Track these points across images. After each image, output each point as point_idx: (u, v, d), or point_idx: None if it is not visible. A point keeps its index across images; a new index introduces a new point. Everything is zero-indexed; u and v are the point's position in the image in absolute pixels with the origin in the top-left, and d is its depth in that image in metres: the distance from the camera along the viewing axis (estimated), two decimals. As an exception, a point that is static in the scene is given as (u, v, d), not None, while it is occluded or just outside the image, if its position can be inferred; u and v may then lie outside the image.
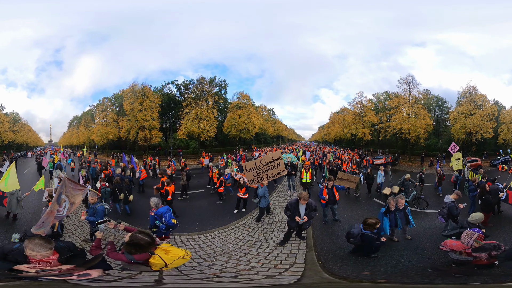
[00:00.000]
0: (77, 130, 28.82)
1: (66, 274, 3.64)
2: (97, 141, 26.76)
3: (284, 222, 8.92)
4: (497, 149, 23.42)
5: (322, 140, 33.85)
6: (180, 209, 10.57)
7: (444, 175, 13.89)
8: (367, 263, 6.36)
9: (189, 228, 8.93)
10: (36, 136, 29.95)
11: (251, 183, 10.15)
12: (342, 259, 6.62)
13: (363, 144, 29.58)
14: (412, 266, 6.27)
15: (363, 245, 6.39)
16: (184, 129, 24.29)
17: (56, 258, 3.81)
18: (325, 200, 9.18)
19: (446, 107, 27.44)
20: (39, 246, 3.66)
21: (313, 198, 10.22)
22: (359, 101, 28.42)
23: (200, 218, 10.03)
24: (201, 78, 25.31)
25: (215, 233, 8.55)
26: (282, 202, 11.96)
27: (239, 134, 27.00)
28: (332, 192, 9.28)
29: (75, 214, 9.30)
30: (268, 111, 30.32)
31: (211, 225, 9.25)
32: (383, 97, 28.64)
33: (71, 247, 4.22)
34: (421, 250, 7.02)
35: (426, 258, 6.63)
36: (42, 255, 3.67)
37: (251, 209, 10.67)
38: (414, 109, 25.02)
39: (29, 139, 29.05)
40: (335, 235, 8.30)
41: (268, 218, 9.77)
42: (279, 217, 9.79)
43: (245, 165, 10.26)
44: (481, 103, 23.85)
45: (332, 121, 30.83)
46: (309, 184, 12.35)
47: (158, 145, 25.96)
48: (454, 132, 24.63)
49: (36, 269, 3.59)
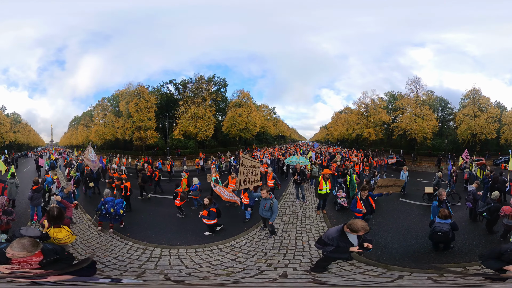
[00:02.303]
0: (76, 131, 28.76)
1: (38, 277, 3.58)
2: (95, 141, 26.59)
3: (297, 241, 7.96)
4: (499, 149, 24.54)
5: (324, 140, 33.32)
6: (152, 214, 10.98)
7: (457, 173, 15.24)
8: (452, 253, 7.19)
9: (154, 238, 8.25)
10: (37, 136, 29.97)
11: (243, 185, 8.89)
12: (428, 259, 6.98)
13: (368, 144, 29.22)
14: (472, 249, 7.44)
15: (447, 238, 7.06)
16: (180, 128, 23.90)
17: (39, 260, 3.81)
18: (362, 213, 8.09)
19: (449, 107, 27.67)
20: (18, 247, 3.66)
21: (329, 207, 10.32)
22: (363, 101, 27.95)
23: (172, 230, 9.10)
24: (200, 76, 24.97)
25: (186, 251, 7.40)
26: (290, 216, 10.27)
27: (239, 133, 26.49)
28: (369, 202, 8.27)
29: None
30: (269, 110, 29.86)
31: (186, 241, 8.15)
32: (387, 97, 28.37)
33: (58, 250, 4.21)
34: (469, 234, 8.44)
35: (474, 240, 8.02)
36: (21, 256, 3.67)
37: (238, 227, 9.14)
38: (421, 110, 25.33)
39: (30, 139, 29.08)
40: (387, 246, 7.79)
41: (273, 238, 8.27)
42: (289, 237, 8.27)
43: (242, 158, 9.05)
44: (484, 106, 24.58)
45: (335, 120, 30.27)
46: (327, 196, 10.63)
47: (156, 145, 25.70)
48: (460, 133, 25.28)
49: (11, 270, 3.57)
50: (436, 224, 7.07)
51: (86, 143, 27.68)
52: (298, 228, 9.21)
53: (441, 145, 27.61)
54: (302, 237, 8.39)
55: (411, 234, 8.66)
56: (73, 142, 29.57)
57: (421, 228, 8.90)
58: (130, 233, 8.76)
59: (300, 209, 11.22)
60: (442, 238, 7.05)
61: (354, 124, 28.22)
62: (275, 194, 11.19)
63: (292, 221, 9.78)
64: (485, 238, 8.21)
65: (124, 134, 24.68)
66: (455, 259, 6.89)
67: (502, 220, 7.77)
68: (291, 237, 8.40)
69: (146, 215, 10.92)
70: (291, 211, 10.98)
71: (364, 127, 27.88)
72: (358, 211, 8.10)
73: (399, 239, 8.33)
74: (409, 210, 11.65)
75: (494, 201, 8.55)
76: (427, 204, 11.99)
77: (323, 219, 10.12)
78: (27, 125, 28.55)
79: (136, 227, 9.44)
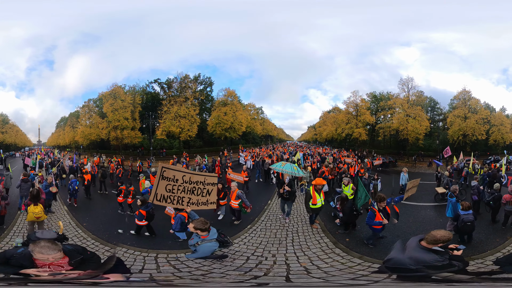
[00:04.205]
0: (63, 131, 28.71)
1: (88, 277, 3.51)
2: (80, 142, 26.63)
3: (291, 263, 6.49)
4: (487, 149, 25.08)
5: (312, 139, 32.97)
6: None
7: (453, 172, 16.19)
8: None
9: (102, 233, 8.48)
10: (25, 136, 29.89)
11: (158, 200, 6.80)
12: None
13: (357, 145, 28.92)
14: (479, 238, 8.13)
15: (474, 227, 7.56)
16: (162, 128, 23.65)
17: (66, 262, 3.64)
18: (381, 225, 7.46)
19: (438, 108, 27.82)
20: (47, 248, 3.51)
21: (324, 218, 9.61)
22: (353, 100, 27.67)
23: (121, 226, 9.08)
24: (185, 75, 24.72)
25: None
26: (277, 231, 8.62)
27: (224, 133, 26.13)
28: (386, 211, 7.63)
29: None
30: (256, 110, 29.50)
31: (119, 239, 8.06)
32: (370, 97, 28.32)
33: (80, 250, 4.06)
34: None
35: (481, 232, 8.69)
36: (54, 257, 3.52)
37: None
38: (414, 110, 25.33)
39: (18, 140, 29.03)
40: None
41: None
42: (274, 258, 6.84)
43: (162, 168, 6.83)
44: (474, 108, 25.00)
45: (324, 120, 29.94)
46: (321, 209, 9.22)
47: (141, 145, 25.53)
48: (452, 134, 25.44)
49: (47, 272, 3.44)
50: (463, 216, 7.57)
51: (73, 144, 27.86)
52: (289, 246, 7.75)
53: (431, 146, 27.62)
54: (299, 258, 7.13)
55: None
56: (60, 142, 29.55)
57: (435, 227, 8.70)
58: (86, 224, 9.67)
59: (290, 222, 9.60)
60: (471, 228, 7.53)
61: (343, 123, 28.01)
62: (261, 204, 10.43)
63: (279, 238, 8.34)
64: (490, 228, 9.23)
65: (108, 135, 24.58)
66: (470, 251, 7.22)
67: (504, 208, 9.07)
68: (278, 257, 7.03)
69: (105, 209, 12.29)
70: (278, 225, 9.37)
71: (354, 126, 27.65)
72: (378, 223, 7.44)
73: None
74: (415, 212, 11.26)
75: (497, 191, 9.69)
76: (431, 204, 12.27)
77: (323, 233, 8.80)
78: (15, 125, 28.58)
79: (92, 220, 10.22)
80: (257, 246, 7.72)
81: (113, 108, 23.83)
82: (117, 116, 23.85)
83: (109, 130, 24.36)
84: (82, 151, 27.80)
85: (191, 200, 6.80)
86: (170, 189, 6.62)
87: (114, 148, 25.72)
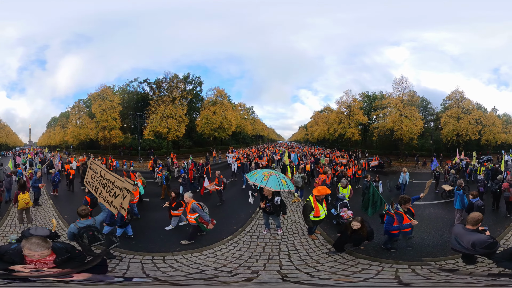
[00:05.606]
0: (54, 131, 28.67)
1: (63, 275, 3.47)
2: (70, 142, 26.58)
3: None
4: (479, 149, 25.26)
5: (303, 139, 32.71)
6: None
7: (455, 169, 16.70)
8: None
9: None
10: (16, 136, 29.90)
11: (87, 184, 7.63)
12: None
13: (350, 145, 28.71)
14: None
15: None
16: (149, 129, 23.51)
17: (52, 260, 3.74)
18: (398, 230, 6.84)
19: (430, 108, 27.80)
20: (36, 245, 3.59)
21: (326, 226, 8.79)
22: (345, 100, 27.45)
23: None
24: (174, 75, 24.54)
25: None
26: (266, 244, 7.42)
27: (213, 133, 25.92)
28: (411, 212, 7.15)
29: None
30: (247, 109, 29.25)
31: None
32: (362, 97, 28.11)
33: (69, 248, 4.15)
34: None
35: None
36: (40, 254, 3.59)
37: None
38: (408, 110, 25.29)
39: (9, 140, 29.06)
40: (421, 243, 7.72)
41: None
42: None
43: (90, 162, 7.84)
44: (467, 108, 25.17)
45: (315, 120, 29.66)
46: (322, 221, 7.97)
47: (130, 146, 25.44)
48: (445, 134, 25.60)
49: (30, 269, 3.49)
50: (477, 202, 8.49)
51: (63, 144, 27.79)
52: (284, 262, 6.25)
53: (424, 145, 27.58)
54: (312, 275, 5.91)
55: (442, 231, 8.82)
56: (50, 142, 29.49)
57: (443, 223, 9.50)
58: (67, 216, 9.99)
59: (283, 233, 8.23)
60: (483, 212, 7.77)
61: (336, 123, 27.82)
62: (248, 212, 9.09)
63: (268, 253, 6.91)
64: (493, 216, 10.27)
65: (96, 135, 24.55)
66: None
67: (503, 194, 10.38)
68: (262, 274, 5.80)
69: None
70: (267, 236, 8.02)
71: (347, 126, 27.48)
72: (396, 228, 6.79)
73: (431, 237, 8.32)
74: (419, 211, 10.16)
75: (500, 181, 11.05)
76: (433, 202, 12.71)
77: (327, 243, 7.62)
78: (6, 125, 28.55)
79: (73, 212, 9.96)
80: (231, 261, 6.38)
81: (101, 109, 23.84)
82: (105, 116, 23.84)
83: (98, 130, 24.39)
84: (72, 151, 27.74)
85: (101, 193, 7.01)
86: (94, 178, 7.38)
87: (103, 148, 25.66)
